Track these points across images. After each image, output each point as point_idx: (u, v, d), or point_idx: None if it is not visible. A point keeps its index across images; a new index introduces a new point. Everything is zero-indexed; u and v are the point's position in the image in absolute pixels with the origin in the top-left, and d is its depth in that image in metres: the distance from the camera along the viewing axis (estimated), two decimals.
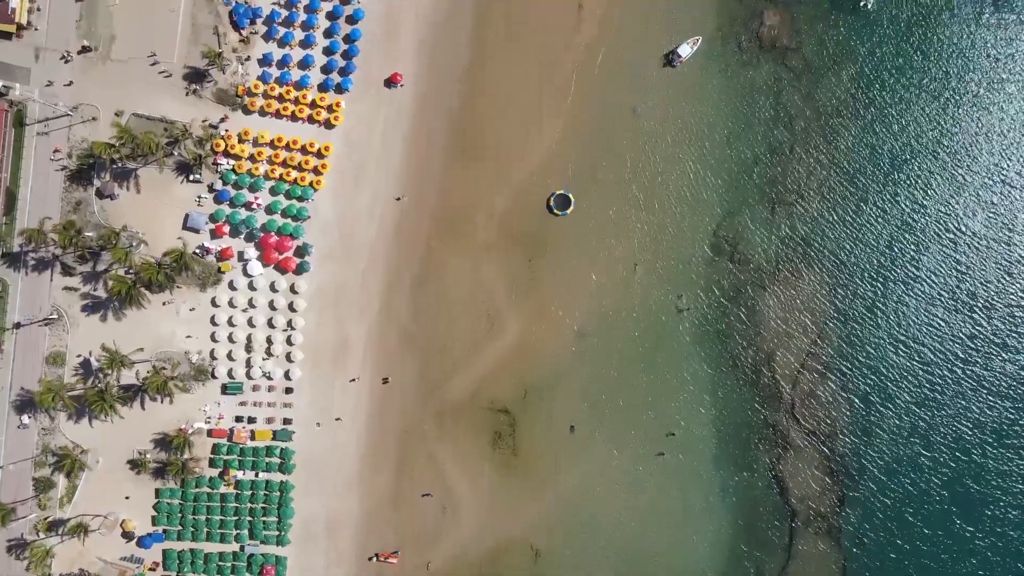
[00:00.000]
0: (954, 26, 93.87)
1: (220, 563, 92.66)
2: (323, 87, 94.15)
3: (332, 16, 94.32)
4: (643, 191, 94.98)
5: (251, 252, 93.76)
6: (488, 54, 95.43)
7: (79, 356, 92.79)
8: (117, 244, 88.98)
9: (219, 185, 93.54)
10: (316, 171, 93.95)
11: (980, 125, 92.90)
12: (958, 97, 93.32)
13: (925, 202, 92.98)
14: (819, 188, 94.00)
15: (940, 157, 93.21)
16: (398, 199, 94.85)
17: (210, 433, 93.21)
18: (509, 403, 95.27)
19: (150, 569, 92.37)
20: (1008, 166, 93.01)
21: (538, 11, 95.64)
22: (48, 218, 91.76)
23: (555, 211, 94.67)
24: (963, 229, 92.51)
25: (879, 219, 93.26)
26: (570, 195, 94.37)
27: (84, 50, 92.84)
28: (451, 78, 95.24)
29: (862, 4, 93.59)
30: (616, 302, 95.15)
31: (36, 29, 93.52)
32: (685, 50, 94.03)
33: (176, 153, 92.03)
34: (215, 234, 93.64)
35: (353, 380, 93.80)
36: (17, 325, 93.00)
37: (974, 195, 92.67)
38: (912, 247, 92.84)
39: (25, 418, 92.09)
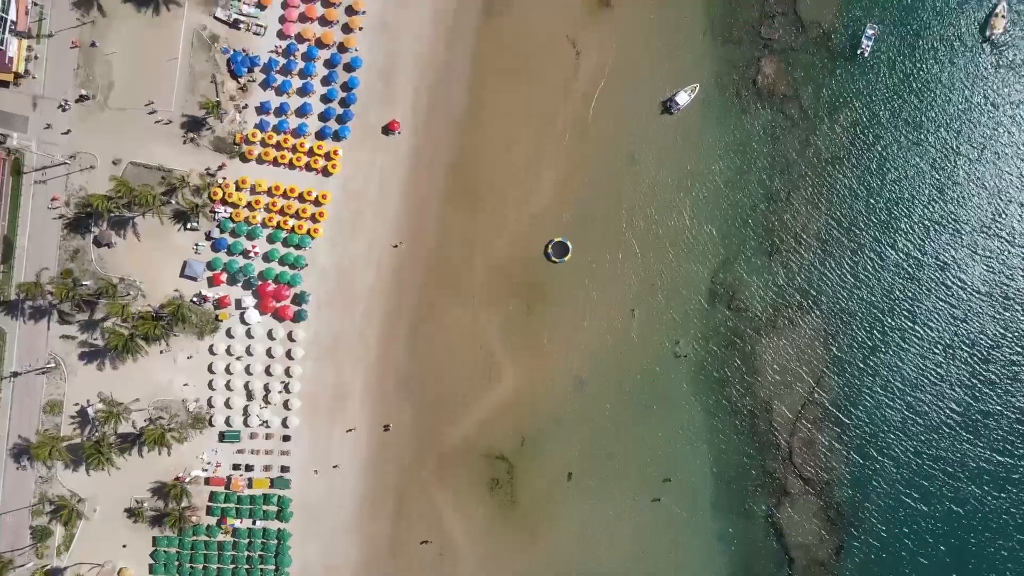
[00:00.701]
0: (952, 75, 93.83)
1: None
2: (320, 135, 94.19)
3: (330, 64, 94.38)
4: (641, 238, 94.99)
5: (248, 300, 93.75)
6: (485, 101, 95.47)
7: (76, 404, 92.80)
8: (115, 297, 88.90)
9: (217, 233, 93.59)
10: (313, 219, 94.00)
11: (977, 175, 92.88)
12: (956, 146, 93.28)
13: (922, 252, 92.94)
14: (816, 236, 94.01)
15: (937, 206, 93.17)
16: (395, 246, 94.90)
17: (207, 481, 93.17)
18: (507, 450, 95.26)
19: None
20: (1006, 217, 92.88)
21: (536, 58, 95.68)
22: (45, 269, 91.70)
23: (553, 258, 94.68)
24: (960, 279, 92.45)
25: (876, 268, 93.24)
26: (568, 243, 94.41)
27: (82, 99, 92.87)
28: (449, 125, 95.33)
29: (859, 52, 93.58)
30: (614, 348, 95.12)
31: (34, 77, 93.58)
32: (683, 98, 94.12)
33: (174, 202, 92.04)
34: (212, 282, 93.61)
35: (350, 431, 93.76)
36: (14, 374, 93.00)
37: (971, 245, 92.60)
38: (909, 296, 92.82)
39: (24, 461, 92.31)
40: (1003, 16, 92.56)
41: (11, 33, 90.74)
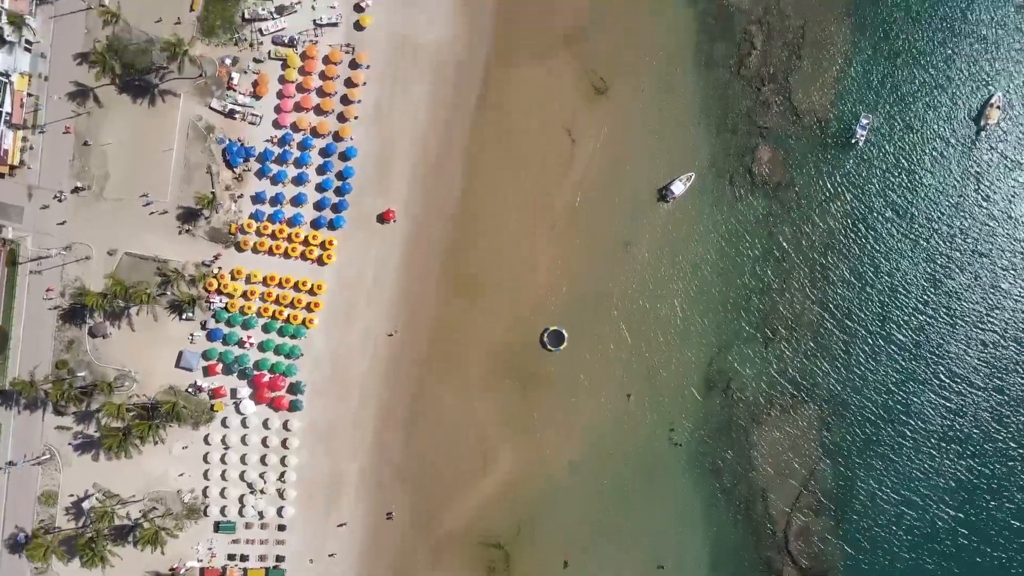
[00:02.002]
0: (946, 165, 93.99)
1: None
2: (316, 224, 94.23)
3: (325, 153, 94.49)
4: (636, 326, 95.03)
5: (244, 391, 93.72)
6: (481, 189, 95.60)
7: (71, 496, 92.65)
8: (110, 396, 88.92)
9: (212, 323, 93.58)
10: (309, 308, 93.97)
11: (972, 268, 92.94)
12: (950, 239, 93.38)
13: (916, 344, 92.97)
14: (811, 325, 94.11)
15: (931, 299, 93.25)
16: (391, 334, 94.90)
17: (203, 572, 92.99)
18: (503, 537, 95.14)
19: None
20: (1000, 311, 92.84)
21: (531, 146, 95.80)
22: (39, 366, 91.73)
23: (549, 347, 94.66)
24: (955, 372, 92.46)
25: (870, 360, 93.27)
26: (564, 331, 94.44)
27: (77, 190, 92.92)
28: (444, 214, 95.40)
29: (853, 141, 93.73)
30: (609, 436, 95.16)
31: (29, 168, 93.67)
32: (678, 187, 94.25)
33: (169, 293, 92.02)
34: (208, 372, 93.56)
35: (342, 525, 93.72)
36: (10, 464, 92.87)
37: (965, 339, 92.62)
38: (903, 389, 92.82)
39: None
40: (998, 107, 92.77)
41: (6, 125, 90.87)
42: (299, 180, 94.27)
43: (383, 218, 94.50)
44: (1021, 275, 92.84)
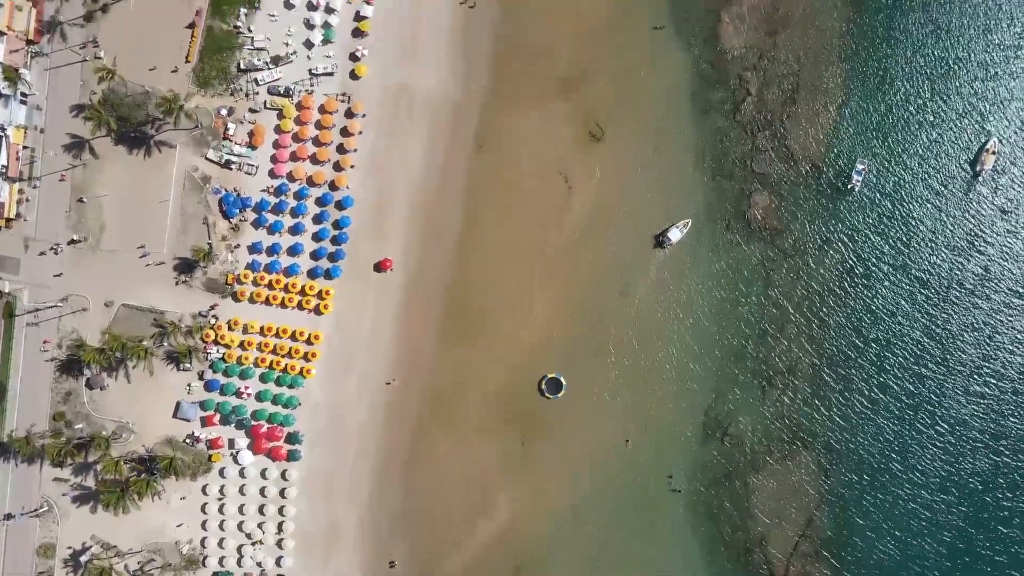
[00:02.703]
0: (942, 211, 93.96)
1: None
2: (313, 274, 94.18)
3: (321, 203, 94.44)
4: (634, 372, 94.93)
5: (242, 441, 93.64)
6: (477, 236, 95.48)
7: (69, 548, 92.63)
8: (108, 450, 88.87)
9: (209, 374, 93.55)
10: (306, 358, 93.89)
11: (967, 316, 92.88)
12: (946, 286, 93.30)
13: (912, 392, 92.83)
14: (808, 371, 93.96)
15: (927, 347, 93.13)
16: (388, 383, 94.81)
17: None
18: None
19: None
20: (995, 360, 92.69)
21: (527, 192, 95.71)
22: (34, 425, 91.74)
23: (547, 395, 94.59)
24: (951, 420, 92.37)
25: (867, 408, 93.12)
26: (562, 379, 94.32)
27: (74, 241, 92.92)
28: (440, 262, 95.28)
29: (849, 187, 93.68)
30: (608, 482, 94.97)
31: (25, 220, 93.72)
32: (675, 234, 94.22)
33: (166, 344, 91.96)
34: (205, 423, 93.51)
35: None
36: (8, 516, 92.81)
37: (962, 387, 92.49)
38: (900, 437, 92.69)
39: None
40: (993, 152, 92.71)
41: (2, 178, 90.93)
42: (295, 230, 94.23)
43: (380, 267, 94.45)
44: (1017, 324, 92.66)
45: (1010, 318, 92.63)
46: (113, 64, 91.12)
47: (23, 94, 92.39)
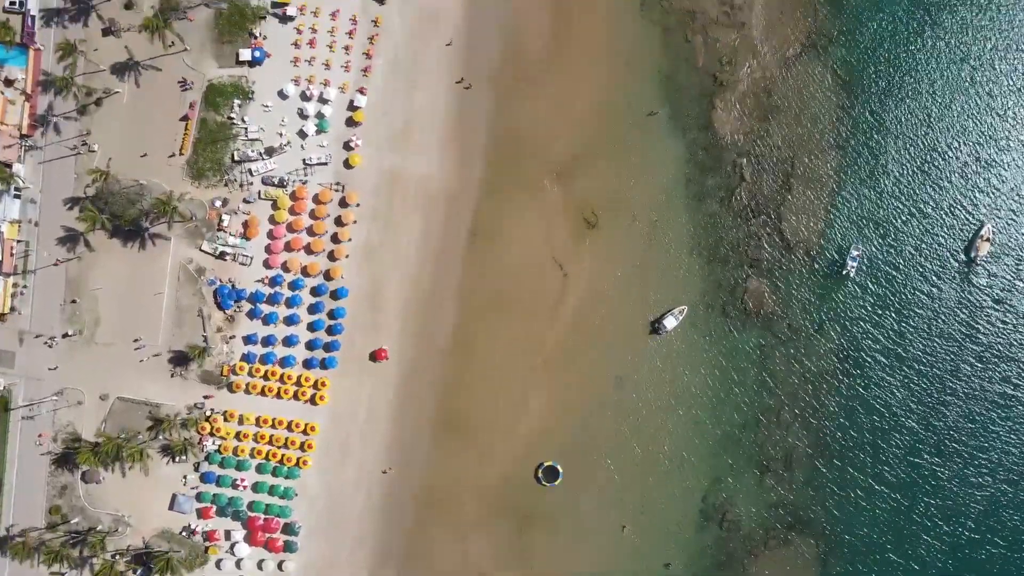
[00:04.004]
0: (937, 297, 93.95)
1: None
2: (308, 365, 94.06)
3: (316, 293, 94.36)
4: (631, 459, 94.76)
5: (238, 533, 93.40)
6: (473, 324, 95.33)
7: None
8: (104, 548, 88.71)
9: (205, 466, 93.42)
10: (302, 448, 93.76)
11: (963, 406, 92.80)
12: (942, 375, 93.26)
13: (911, 483, 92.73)
14: (804, 459, 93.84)
15: (923, 436, 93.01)
16: (385, 472, 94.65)
17: None
18: None
19: None
20: (991, 451, 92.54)
21: (522, 280, 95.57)
22: (34, 528, 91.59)
23: (543, 483, 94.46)
24: (948, 510, 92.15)
25: (863, 495, 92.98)
26: (558, 467, 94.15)
27: (68, 335, 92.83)
28: (436, 350, 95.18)
29: (845, 272, 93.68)
30: (605, 567, 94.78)
31: (20, 313, 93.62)
32: (671, 322, 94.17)
33: (161, 437, 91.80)
34: (202, 515, 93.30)
35: None
36: None
37: (959, 477, 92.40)
38: (898, 527, 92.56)
39: None
40: (987, 239, 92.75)
41: None
42: (290, 321, 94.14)
43: (375, 357, 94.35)
44: (1012, 415, 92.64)
45: (1005, 409, 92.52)
46: (107, 165, 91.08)
47: (17, 188, 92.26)
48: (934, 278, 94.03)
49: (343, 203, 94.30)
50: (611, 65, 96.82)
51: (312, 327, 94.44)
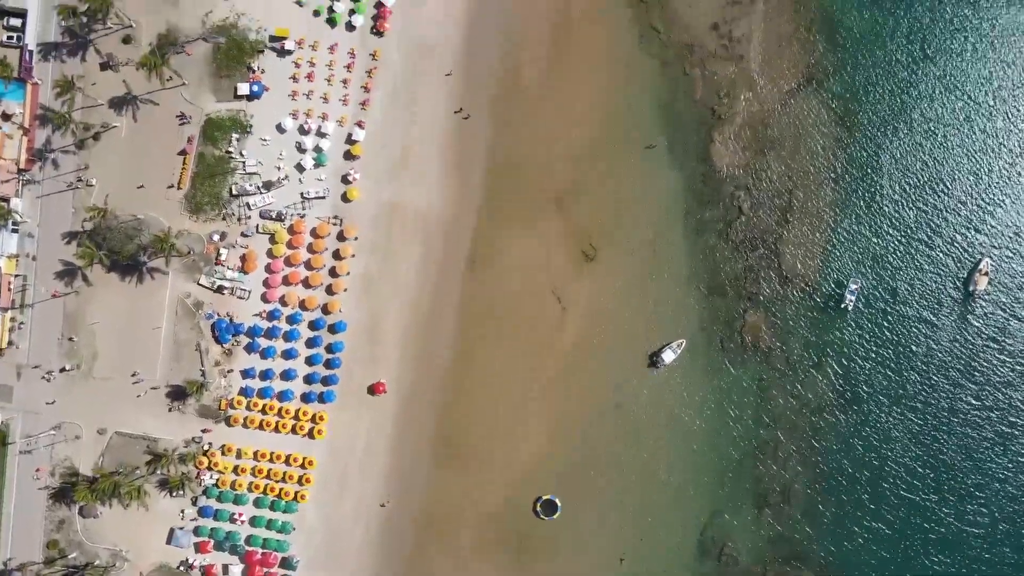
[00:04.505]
0: (936, 331, 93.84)
1: None
2: (306, 398, 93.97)
3: (314, 327, 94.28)
4: (629, 491, 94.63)
5: (236, 568, 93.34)
6: (471, 356, 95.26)
7: None
8: None
9: (203, 500, 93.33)
10: (300, 482, 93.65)
11: (962, 445, 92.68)
12: (940, 411, 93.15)
13: (906, 517, 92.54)
14: (802, 494, 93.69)
15: (921, 473, 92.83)
16: (383, 505, 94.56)
17: None
18: None
19: None
20: (989, 491, 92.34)
21: (520, 312, 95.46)
22: (31, 562, 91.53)
23: (541, 516, 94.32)
24: (946, 547, 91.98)
25: (860, 531, 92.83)
26: (557, 500, 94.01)
27: (66, 369, 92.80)
28: (434, 383, 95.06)
29: (843, 305, 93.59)
30: None
31: (17, 348, 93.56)
32: (669, 355, 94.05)
33: (159, 472, 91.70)
34: (199, 549, 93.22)
35: None
36: None
37: (957, 515, 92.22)
38: (895, 562, 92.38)
39: None
40: (986, 274, 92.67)
41: None
42: (288, 355, 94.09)
43: (374, 390, 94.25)
44: (1010, 451, 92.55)
45: (1003, 446, 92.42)
46: (104, 202, 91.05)
47: (14, 223, 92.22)
48: (932, 312, 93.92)
49: (341, 236, 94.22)
50: (609, 97, 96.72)
51: (310, 361, 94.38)
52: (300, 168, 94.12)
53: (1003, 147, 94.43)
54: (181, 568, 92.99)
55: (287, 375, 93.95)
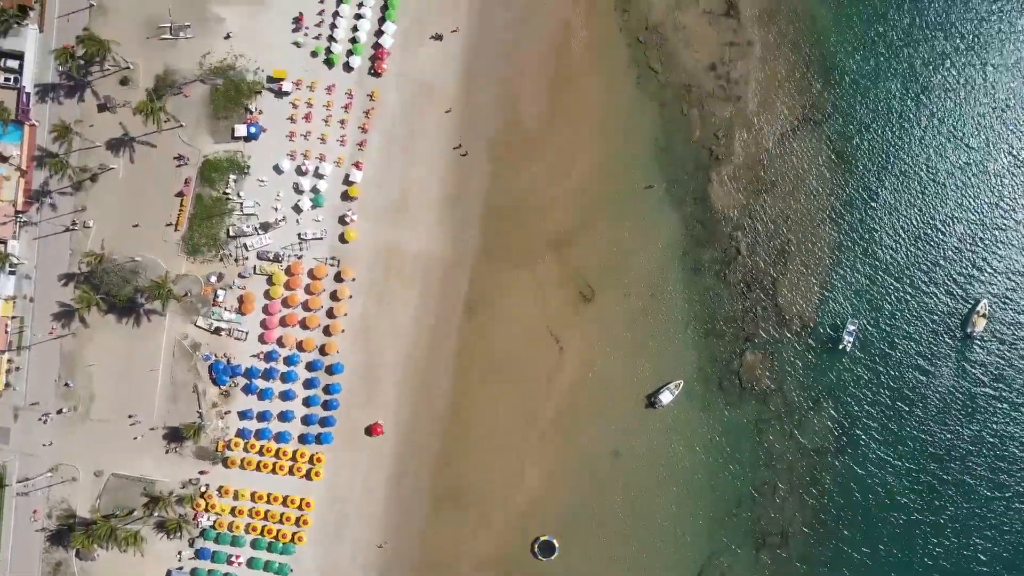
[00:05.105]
0: (934, 373, 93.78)
1: None
2: (304, 440, 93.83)
3: (311, 368, 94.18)
4: (627, 532, 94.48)
5: None
6: (468, 398, 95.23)
7: None
8: None
9: (200, 542, 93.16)
10: (298, 523, 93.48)
11: (961, 484, 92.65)
12: (937, 454, 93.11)
13: (905, 561, 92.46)
14: (799, 535, 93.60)
15: (919, 516, 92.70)
16: (380, 546, 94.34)
17: None
18: None
19: None
20: (989, 530, 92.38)
21: (518, 353, 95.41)
22: None
23: (539, 557, 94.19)
24: None
25: (861, 570, 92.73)
26: (554, 541, 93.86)
27: (63, 411, 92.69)
28: (432, 424, 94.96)
29: (841, 347, 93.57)
30: None
31: (15, 389, 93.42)
32: (666, 396, 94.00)
33: (156, 514, 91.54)
34: None
35: None
36: None
37: (955, 558, 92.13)
38: None
39: None
40: (983, 315, 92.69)
41: None
42: (286, 396, 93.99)
43: (371, 432, 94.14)
44: (1008, 494, 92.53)
45: (1001, 489, 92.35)
46: (101, 247, 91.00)
47: (11, 265, 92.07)
48: (930, 354, 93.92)
49: (338, 278, 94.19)
50: (608, 137, 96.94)
51: (308, 402, 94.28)
52: (298, 209, 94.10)
53: (1002, 189, 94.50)
54: None
55: (284, 416, 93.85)
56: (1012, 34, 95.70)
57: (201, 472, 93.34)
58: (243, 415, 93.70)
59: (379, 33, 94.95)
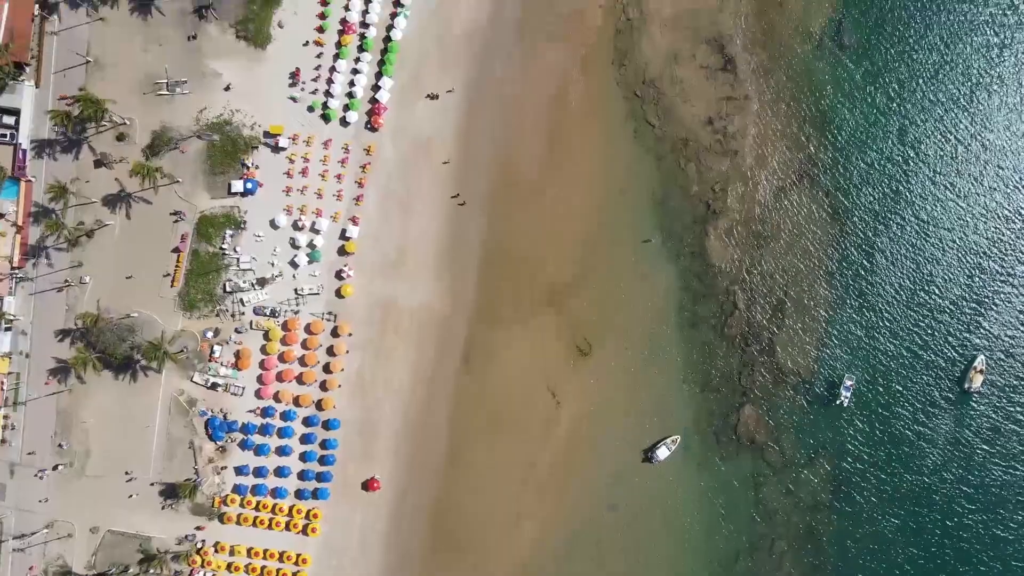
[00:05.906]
0: (931, 429, 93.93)
1: None
2: (300, 495, 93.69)
3: (308, 424, 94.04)
4: None
5: None
6: (466, 452, 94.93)
7: None
8: None
9: None
10: None
11: (961, 543, 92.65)
12: (935, 511, 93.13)
13: None
14: None
15: (917, 568, 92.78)
16: None
17: None
18: None
19: None
20: (991, 563, 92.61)
21: (515, 407, 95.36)
22: None
23: None
24: None
25: None
26: None
27: (59, 467, 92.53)
28: (429, 479, 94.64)
29: (838, 402, 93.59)
30: None
31: (10, 445, 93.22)
32: (663, 452, 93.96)
33: (152, 571, 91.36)
34: None
35: None
36: None
37: None
38: None
39: None
40: (980, 371, 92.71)
41: None
42: (282, 452, 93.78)
43: (368, 487, 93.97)
44: (1005, 553, 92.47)
45: (998, 548, 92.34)
46: (96, 307, 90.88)
47: (7, 321, 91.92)
48: (928, 409, 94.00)
49: (335, 333, 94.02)
50: (605, 190, 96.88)
51: (304, 458, 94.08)
52: (294, 264, 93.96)
53: (996, 247, 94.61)
54: None
55: (281, 472, 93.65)
56: (1008, 92, 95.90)
57: (197, 528, 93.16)
58: (239, 471, 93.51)
59: (376, 88, 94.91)
